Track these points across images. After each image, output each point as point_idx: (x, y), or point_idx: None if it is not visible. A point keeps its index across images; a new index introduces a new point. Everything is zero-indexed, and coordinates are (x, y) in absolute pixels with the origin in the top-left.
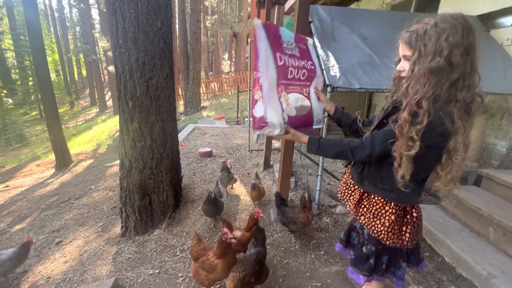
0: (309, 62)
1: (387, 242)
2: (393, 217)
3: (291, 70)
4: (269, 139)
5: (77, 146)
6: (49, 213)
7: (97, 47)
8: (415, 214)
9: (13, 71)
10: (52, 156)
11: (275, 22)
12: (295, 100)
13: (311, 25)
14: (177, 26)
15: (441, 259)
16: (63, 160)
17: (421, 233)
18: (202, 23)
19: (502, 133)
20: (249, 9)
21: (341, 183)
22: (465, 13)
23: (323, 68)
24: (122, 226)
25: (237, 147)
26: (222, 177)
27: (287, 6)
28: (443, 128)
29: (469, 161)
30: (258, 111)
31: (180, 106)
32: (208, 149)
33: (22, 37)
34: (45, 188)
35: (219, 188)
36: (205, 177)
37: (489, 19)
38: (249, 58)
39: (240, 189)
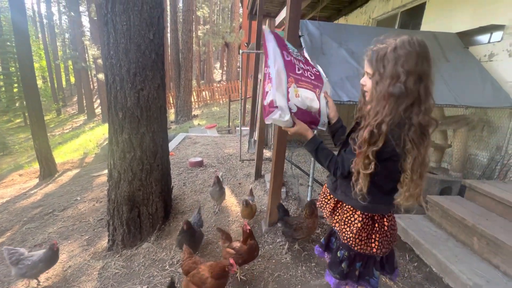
0: (314, 69)
1: (355, 248)
2: (359, 225)
3: (298, 68)
4: (260, 148)
5: (63, 154)
6: (31, 226)
7: (86, 55)
8: (386, 223)
9: None
10: (36, 166)
11: None
12: (305, 95)
13: (301, 39)
14: (168, 35)
15: (429, 270)
16: (48, 170)
17: (394, 242)
18: (194, 33)
19: (483, 144)
20: (241, 20)
21: (321, 192)
22: (445, 30)
23: None
24: (109, 240)
25: (228, 157)
26: (213, 192)
27: (278, 19)
28: (392, 149)
29: (453, 171)
30: (268, 99)
31: (171, 114)
32: (199, 159)
33: (8, 43)
34: (28, 199)
35: (200, 216)
36: (195, 187)
37: (467, 36)
38: (240, 68)
39: (231, 200)
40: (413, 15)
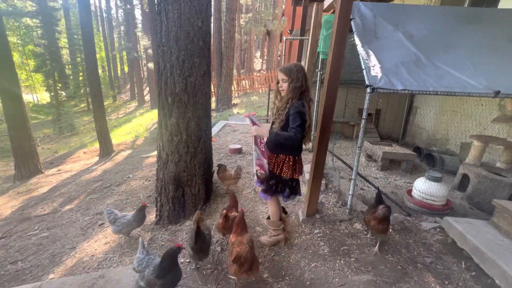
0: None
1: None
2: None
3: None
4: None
5: (118, 136)
6: (93, 197)
7: (138, 45)
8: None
9: (67, 67)
10: (96, 145)
11: (312, 20)
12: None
13: (352, 22)
14: (212, 24)
15: (491, 282)
16: (106, 149)
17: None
18: (236, 21)
19: None
20: (284, 6)
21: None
22: None
23: (363, 67)
24: (156, 215)
25: None
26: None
27: (326, 2)
28: (300, 108)
29: None
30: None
31: (212, 102)
32: (238, 146)
33: (75, 36)
34: (90, 174)
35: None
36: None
37: None
38: (281, 56)
39: None
40: None
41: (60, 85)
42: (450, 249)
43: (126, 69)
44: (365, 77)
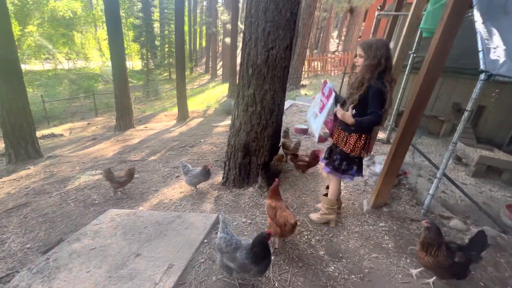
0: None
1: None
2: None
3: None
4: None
5: (192, 105)
6: (172, 153)
7: (218, 20)
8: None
9: (157, 39)
10: (175, 110)
11: None
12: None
13: None
14: None
15: None
16: (183, 115)
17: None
18: None
19: None
20: None
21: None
22: None
23: (481, 49)
24: (223, 177)
25: None
26: None
27: None
28: (381, 87)
29: None
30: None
31: None
32: (304, 127)
33: (165, 10)
34: (170, 134)
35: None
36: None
37: None
38: (361, 37)
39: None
40: None
41: (149, 54)
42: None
43: (203, 43)
44: (481, 61)
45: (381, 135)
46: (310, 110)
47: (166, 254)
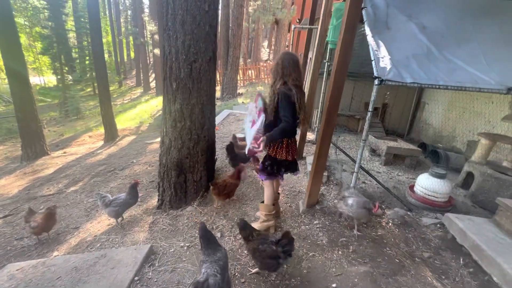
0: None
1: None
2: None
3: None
4: (304, 130)
5: (122, 122)
6: (97, 180)
7: (145, 31)
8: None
9: (73, 51)
10: (101, 129)
11: (322, 9)
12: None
13: (363, 11)
14: (219, 11)
15: (488, 278)
16: (111, 134)
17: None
18: (244, 9)
19: None
20: None
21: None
22: None
23: (373, 58)
24: (158, 199)
25: None
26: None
27: None
28: (286, 91)
29: None
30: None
31: (217, 91)
32: (242, 135)
33: (82, 19)
34: (95, 157)
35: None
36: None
37: None
38: (289, 46)
39: None
40: None
41: (66, 68)
42: (449, 245)
43: (132, 54)
44: (374, 69)
45: (312, 136)
46: (246, 119)
47: None
